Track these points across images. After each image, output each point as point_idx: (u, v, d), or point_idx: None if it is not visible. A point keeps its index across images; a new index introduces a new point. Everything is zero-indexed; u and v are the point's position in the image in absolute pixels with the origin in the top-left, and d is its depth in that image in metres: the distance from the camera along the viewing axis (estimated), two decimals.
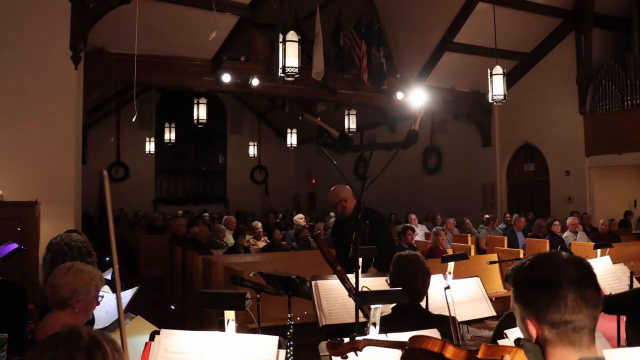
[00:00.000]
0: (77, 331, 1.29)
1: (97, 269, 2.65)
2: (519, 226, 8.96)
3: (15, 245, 3.93)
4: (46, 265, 3.13)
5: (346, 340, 1.56)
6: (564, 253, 1.32)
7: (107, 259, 8.38)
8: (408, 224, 7.46)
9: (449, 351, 1.28)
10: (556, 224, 8.19)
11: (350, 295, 2.96)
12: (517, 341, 1.31)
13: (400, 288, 2.47)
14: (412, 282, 2.63)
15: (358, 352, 1.59)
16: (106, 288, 3.56)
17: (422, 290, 2.71)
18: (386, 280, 2.85)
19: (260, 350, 1.90)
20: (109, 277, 3.85)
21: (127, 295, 3.42)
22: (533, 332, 1.25)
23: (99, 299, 2.43)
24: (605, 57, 10.90)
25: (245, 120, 20.59)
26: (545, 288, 1.23)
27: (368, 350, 2.06)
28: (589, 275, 1.25)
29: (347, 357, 1.56)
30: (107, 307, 3.24)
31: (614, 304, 3.22)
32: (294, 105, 15.15)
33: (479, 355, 1.25)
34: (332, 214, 8.79)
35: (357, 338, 1.56)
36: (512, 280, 1.32)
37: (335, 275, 3.37)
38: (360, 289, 2.72)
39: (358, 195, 2.58)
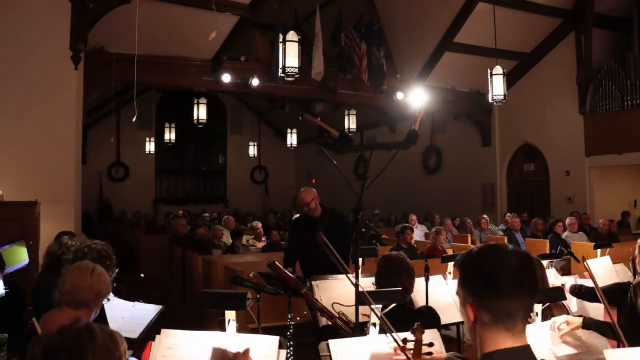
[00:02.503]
0: (76, 319, 1.36)
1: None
2: (514, 227, 8.96)
3: (26, 262, 3.93)
4: (50, 258, 3.12)
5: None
6: (510, 245, 1.41)
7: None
8: (407, 224, 7.45)
9: None
10: (560, 225, 8.17)
11: (322, 315, 2.96)
12: None
13: (400, 288, 2.48)
14: (395, 283, 2.67)
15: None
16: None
17: (408, 289, 2.76)
18: (372, 283, 2.89)
19: (260, 350, 1.90)
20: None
21: (149, 310, 3.33)
22: (471, 315, 1.34)
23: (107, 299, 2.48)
24: (605, 57, 10.90)
25: (245, 120, 20.58)
26: (486, 275, 1.32)
27: (369, 350, 2.06)
28: (529, 267, 1.34)
29: None
30: (123, 313, 3.20)
31: (611, 294, 3.22)
32: (295, 105, 15.15)
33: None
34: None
35: None
36: (459, 265, 1.41)
37: (335, 276, 3.38)
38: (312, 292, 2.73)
39: (358, 195, 2.58)
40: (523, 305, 1.33)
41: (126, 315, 3.23)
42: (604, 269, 4.33)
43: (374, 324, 2.18)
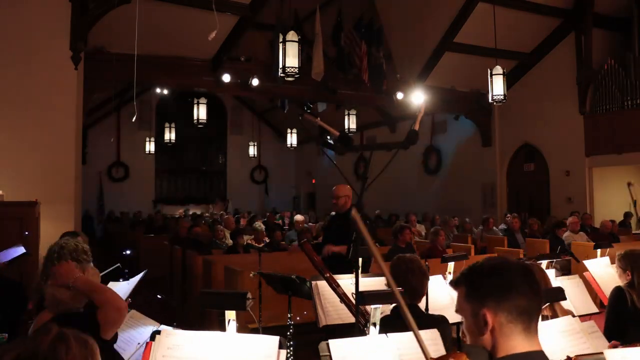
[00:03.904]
0: (47, 327, 1.30)
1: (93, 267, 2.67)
2: (515, 228, 8.97)
3: (22, 250, 3.94)
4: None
5: None
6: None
7: (127, 252, 8.54)
8: (405, 223, 7.42)
9: None
10: (563, 229, 8.06)
11: (342, 302, 2.96)
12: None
13: (400, 288, 2.47)
14: (409, 281, 2.65)
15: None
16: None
17: (420, 290, 2.73)
18: (386, 285, 2.86)
19: (260, 350, 1.90)
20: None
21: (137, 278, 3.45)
22: (490, 320, 1.35)
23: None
24: (605, 57, 10.90)
25: (245, 120, 20.59)
26: (502, 277, 1.38)
27: (369, 350, 2.07)
28: (531, 271, 1.42)
29: None
30: (120, 293, 3.30)
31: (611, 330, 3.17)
32: (294, 105, 15.16)
33: None
34: (298, 215, 9.45)
35: None
36: (465, 277, 1.44)
37: (335, 276, 3.38)
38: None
39: (358, 195, 2.59)
40: (536, 305, 1.39)
41: (122, 292, 3.31)
42: (603, 270, 4.33)
43: (374, 324, 2.18)
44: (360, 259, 2.98)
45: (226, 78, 9.92)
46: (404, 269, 2.72)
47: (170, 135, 16.46)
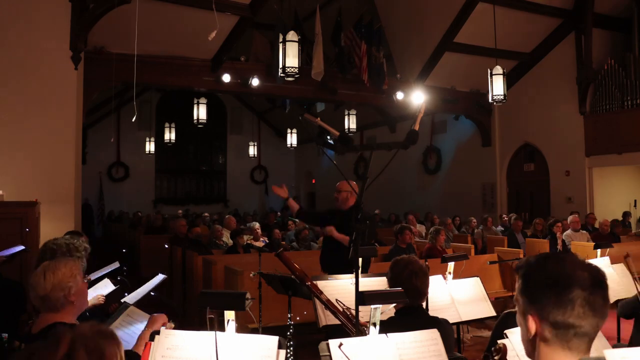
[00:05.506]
0: (57, 337, 1.25)
1: (83, 261, 2.67)
2: (517, 228, 8.96)
3: (20, 247, 3.96)
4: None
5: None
6: (580, 258, 1.28)
7: (124, 250, 8.56)
8: (405, 224, 7.41)
9: None
10: (558, 225, 8.15)
11: (326, 309, 2.94)
12: None
13: (400, 288, 2.47)
14: (412, 282, 2.62)
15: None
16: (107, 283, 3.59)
17: (423, 290, 2.69)
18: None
19: (260, 350, 1.90)
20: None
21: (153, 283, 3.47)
22: (532, 328, 1.23)
23: (85, 280, 2.39)
24: (605, 57, 10.90)
25: (245, 120, 20.60)
26: (555, 287, 1.20)
27: (369, 350, 2.07)
28: (601, 285, 1.23)
29: None
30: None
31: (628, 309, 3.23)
32: (294, 105, 15.17)
33: None
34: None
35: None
36: (522, 272, 1.29)
37: (335, 276, 3.38)
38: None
39: (358, 195, 2.58)
40: (592, 326, 1.20)
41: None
42: (603, 270, 4.33)
43: (374, 324, 2.17)
44: (360, 259, 2.97)
45: (226, 78, 9.92)
46: (405, 273, 2.66)
47: (170, 135, 16.45)
